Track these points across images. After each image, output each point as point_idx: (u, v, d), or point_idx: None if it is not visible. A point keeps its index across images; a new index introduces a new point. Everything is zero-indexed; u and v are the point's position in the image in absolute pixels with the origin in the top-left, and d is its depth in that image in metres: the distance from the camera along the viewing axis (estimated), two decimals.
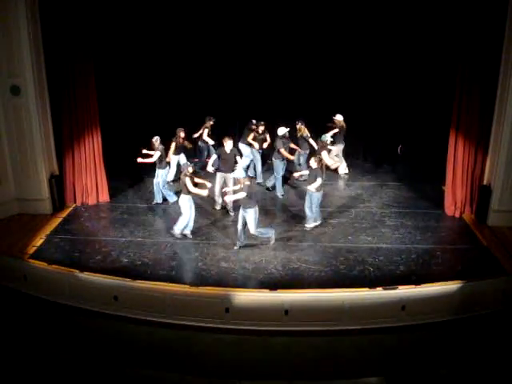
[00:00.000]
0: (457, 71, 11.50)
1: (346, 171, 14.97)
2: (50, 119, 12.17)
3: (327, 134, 13.23)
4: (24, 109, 11.64)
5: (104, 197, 13.16)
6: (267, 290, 9.20)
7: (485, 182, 11.85)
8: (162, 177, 12.68)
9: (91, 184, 12.92)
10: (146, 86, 15.07)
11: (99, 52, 12.62)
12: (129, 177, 14.22)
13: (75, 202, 12.96)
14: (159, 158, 12.45)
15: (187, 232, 11.26)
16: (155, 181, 12.78)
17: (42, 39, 11.59)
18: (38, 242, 11.05)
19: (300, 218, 12.09)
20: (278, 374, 8.09)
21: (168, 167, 12.90)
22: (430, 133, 14.39)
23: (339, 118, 14.45)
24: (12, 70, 11.41)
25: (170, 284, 9.39)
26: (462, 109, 11.53)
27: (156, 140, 12.53)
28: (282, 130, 13.29)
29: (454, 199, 12.25)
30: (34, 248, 10.77)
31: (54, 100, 12.18)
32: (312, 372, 8.19)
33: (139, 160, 12.41)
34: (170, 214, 12.40)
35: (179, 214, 11.10)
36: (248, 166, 14.05)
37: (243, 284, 9.50)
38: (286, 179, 14.14)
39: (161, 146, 12.53)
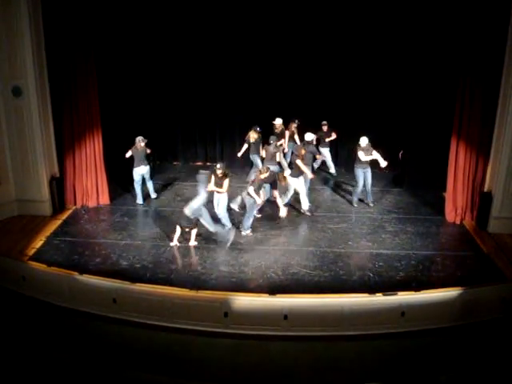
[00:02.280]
0: (459, 77, 11.51)
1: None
2: (51, 121, 12.20)
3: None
4: (25, 110, 11.66)
5: (104, 199, 13.16)
6: (266, 295, 9.15)
7: (486, 189, 11.82)
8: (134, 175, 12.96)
9: (92, 186, 12.92)
10: (148, 88, 15.09)
11: (101, 54, 12.68)
12: (129, 179, 14.14)
13: (75, 204, 12.97)
14: (136, 157, 12.76)
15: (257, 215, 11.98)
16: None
17: (44, 41, 11.62)
18: (38, 243, 11.04)
19: (299, 222, 12.11)
20: (277, 379, 8.06)
21: (143, 166, 12.93)
22: (431, 138, 14.37)
23: (278, 121, 14.40)
24: (14, 72, 11.42)
25: (170, 287, 9.36)
26: (464, 115, 11.53)
27: (139, 140, 12.75)
28: (310, 136, 13.07)
29: (455, 205, 12.24)
30: (34, 250, 10.76)
31: (55, 101, 12.20)
32: (310, 378, 8.16)
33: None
34: (170, 217, 12.40)
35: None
36: None
37: (242, 288, 9.45)
38: None
39: (142, 147, 12.85)
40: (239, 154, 14.21)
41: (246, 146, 14.00)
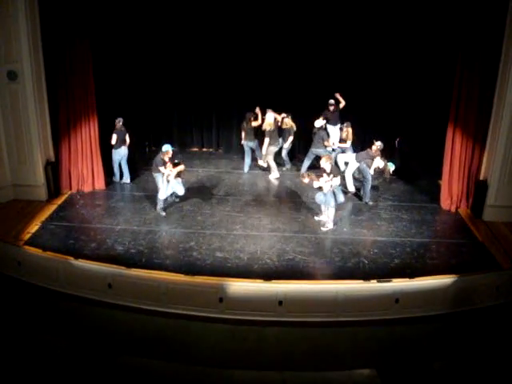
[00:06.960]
0: (456, 65, 11.47)
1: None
2: (46, 105, 12.11)
3: None
4: (21, 94, 11.57)
5: (100, 184, 13.14)
6: (262, 281, 9.18)
7: (481, 177, 11.85)
8: (114, 155, 13.33)
9: (87, 171, 12.89)
10: (144, 73, 14.99)
11: (97, 39, 12.56)
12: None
13: (71, 189, 12.95)
14: (116, 139, 13.07)
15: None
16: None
17: (39, 24, 11.49)
18: (33, 228, 11.03)
19: (296, 209, 12.12)
20: (271, 365, 8.10)
21: (122, 147, 13.27)
22: (427, 126, 14.37)
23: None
24: (9, 55, 11.32)
25: (165, 273, 9.38)
26: (461, 103, 11.52)
27: (118, 121, 13.09)
28: (320, 122, 13.74)
29: (450, 193, 12.27)
30: (29, 234, 10.75)
31: (50, 86, 12.10)
32: (305, 363, 8.20)
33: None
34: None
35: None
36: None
37: (238, 274, 9.49)
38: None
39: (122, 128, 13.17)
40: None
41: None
